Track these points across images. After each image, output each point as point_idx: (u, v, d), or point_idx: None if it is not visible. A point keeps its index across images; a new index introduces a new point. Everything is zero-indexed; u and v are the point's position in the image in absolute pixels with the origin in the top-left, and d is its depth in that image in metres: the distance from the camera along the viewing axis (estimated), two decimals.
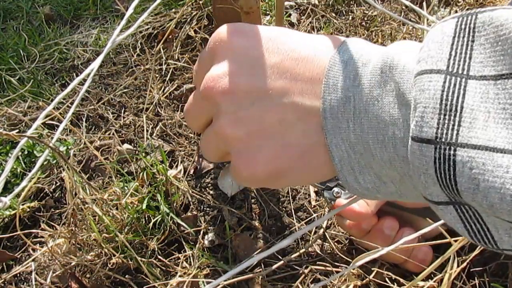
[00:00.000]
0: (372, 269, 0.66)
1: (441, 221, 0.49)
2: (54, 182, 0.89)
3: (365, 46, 0.26)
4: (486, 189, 0.17)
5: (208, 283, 0.71)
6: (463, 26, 0.20)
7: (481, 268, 0.64)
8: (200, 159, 0.89)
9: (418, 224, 0.64)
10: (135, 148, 0.92)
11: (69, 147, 0.92)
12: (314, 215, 0.79)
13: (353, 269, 0.65)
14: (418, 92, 0.20)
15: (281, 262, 0.69)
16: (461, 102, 0.18)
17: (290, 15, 1.16)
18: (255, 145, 0.26)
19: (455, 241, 0.50)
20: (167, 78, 1.03)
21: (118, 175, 0.85)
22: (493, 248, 0.21)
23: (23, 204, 0.83)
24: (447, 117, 0.19)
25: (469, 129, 0.18)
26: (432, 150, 0.19)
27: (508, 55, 0.18)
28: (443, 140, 0.19)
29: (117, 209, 0.76)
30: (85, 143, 0.92)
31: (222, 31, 0.28)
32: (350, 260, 0.73)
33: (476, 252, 0.57)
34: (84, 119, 0.99)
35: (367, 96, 0.23)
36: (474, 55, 0.19)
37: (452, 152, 0.18)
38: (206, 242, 0.77)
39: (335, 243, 0.75)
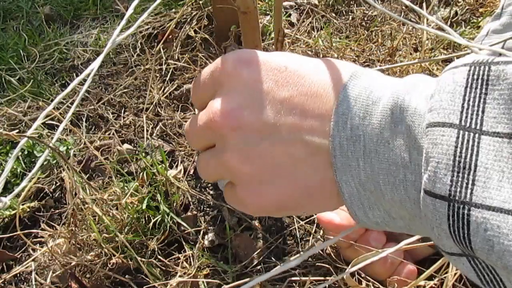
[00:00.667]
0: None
1: (430, 242, 0.49)
2: (54, 182, 0.89)
3: (374, 80, 0.25)
4: (501, 251, 0.17)
5: (208, 283, 0.71)
6: (475, 77, 0.20)
7: None
8: None
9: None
10: (135, 148, 0.92)
11: (69, 147, 0.92)
12: (314, 215, 0.79)
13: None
14: (431, 146, 0.20)
15: (282, 267, 0.69)
16: (475, 160, 0.18)
17: (290, 15, 1.16)
18: (263, 180, 0.26)
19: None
20: (167, 78, 1.03)
21: (118, 175, 0.85)
22: None
23: (23, 204, 0.84)
24: (460, 174, 0.18)
25: (483, 188, 0.18)
26: (446, 207, 0.19)
27: None
28: (456, 198, 0.18)
29: (117, 209, 0.76)
30: (85, 143, 0.92)
31: (229, 60, 0.27)
32: (350, 260, 0.73)
33: None
34: (84, 119, 0.99)
35: (377, 137, 0.23)
36: (487, 109, 0.19)
37: (466, 211, 0.18)
38: (206, 242, 0.77)
39: (336, 243, 0.75)
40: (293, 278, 0.71)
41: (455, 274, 0.52)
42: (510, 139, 0.18)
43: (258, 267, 0.74)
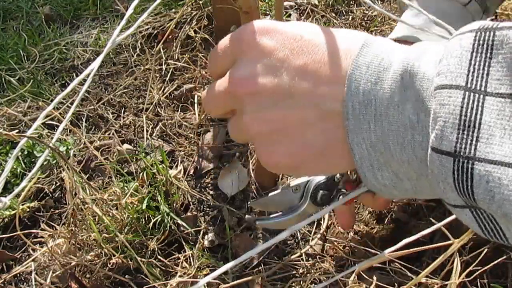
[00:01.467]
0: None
1: (444, 222, 0.49)
2: (54, 182, 0.89)
3: (385, 47, 0.26)
4: (501, 200, 0.19)
5: (208, 283, 0.71)
6: (481, 42, 0.21)
7: (481, 268, 0.64)
8: (200, 159, 0.89)
9: None
10: (135, 148, 0.92)
11: (69, 147, 0.92)
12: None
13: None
14: (438, 106, 0.21)
15: (280, 264, 0.69)
16: (479, 119, 0.20)
17: (290, 15, 1.16)
18: (276, 140, 0.28)
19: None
20: (167, 78, 1.03)
21: (118, 175, 0.85)
22: (504, 243, 0.22)
23: (23, 204, 0.83)
24: (465, 132, 0.20)
25: (486, 144, 0.19)
26: (451, 162, 0.20)
27: None
28: (461, 154, 0.20)
29: (117, 209, 0.76)
30: (85, 143, 0.92)
31: (247, 30, 0.28)
32: (351, 258, 0.73)
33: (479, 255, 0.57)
34: (84, 119, 0.99)
35: (388, 101, 0.24)
36: (491, 72, 0.20)
37: (470, 165, 0.20)
38: (206, 242, 0.77)
39: (335, 243, 0.75)
40: (294, 279, 0.71)
41: (459, 275, 0.52)
42: None
43: (258, 267, 0.74)
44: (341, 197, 0.36)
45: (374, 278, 0.64)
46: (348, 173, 0.37)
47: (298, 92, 0.26)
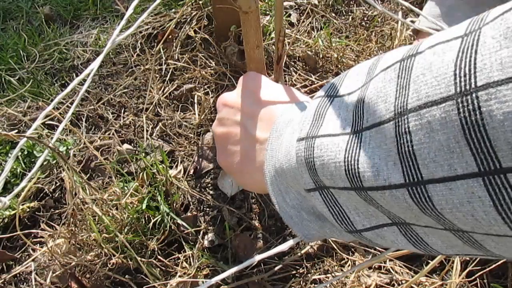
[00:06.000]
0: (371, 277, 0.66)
1: None
2: (54, 182, 0.89)
3: (293, 111, 0.35)
4: (329, 163, 0.24)
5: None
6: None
7: (481, 268, 0.64)
8: (200, 159, 0.89)
9: None
10: (135, 148, 0.92)
11: (69, 147, 0.92)
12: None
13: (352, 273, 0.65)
14: (303, 117, 0.30)
15: (280, 266, 0.69)
16: (324, 113, 0.27)
17: (290, 15, 1.16)
18: (228, 144, 0.38)
19: None
20: (167, 78, 1.03)
21: (118, 175, 0.85)
22: (354, 231, 0.27)
23: (23, 204, 0.83)
24: (315, 122, 0.27)
25: (324, 126, 0.26)
26: (304, 143, 0.27)
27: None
28: (309, 136, 0.26)
29: (117, 209, 0.76)
30: (85, 143, 0.92)
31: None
32: (351, 258, 0.73)
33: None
34: (84, 119, 0.99)
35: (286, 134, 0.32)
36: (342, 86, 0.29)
37: (313, 142, 0.26)
38: (206, 242, 0.77)
39: (335, 243, 0.75)
40: (294, 279, 0.71)
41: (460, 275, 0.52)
42: (328, 97, 0.28)
43: (258, 267, 0.74)
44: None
45: (374, 278, 0.65)
46: None
47: (248, 117, 0.38)
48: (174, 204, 0.79)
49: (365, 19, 1.15)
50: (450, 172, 0.18)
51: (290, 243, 0.36)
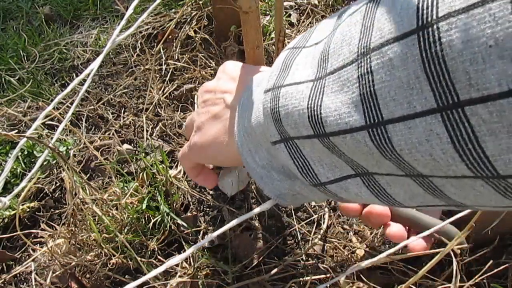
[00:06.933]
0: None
1: (444, 223, 0.49)
2: (54, 182, 0.89)
3: (261, 76, 0.35)
4: (293, 111, 0.24)
5: (208, 283, 0.71)
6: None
7: (481, 268, 0.64)
8: None
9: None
10: (135, 148, 0.92)
11: (69, 147, 0.92)
12: (314, 216, 0.79)
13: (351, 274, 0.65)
14: (272, 70, 0.30)
15: (280, 266, 0.69)
16: (292, 60, 0.27)
17: (290, 15, 1.16)
18: (205, 124, 0.38)
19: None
20: (167, 78, 1.03)
21: (118, 175, 0.85)
22: (319, 183, 0.26)
23: (23, 204, 0.83)
24: (282, 72, 0.26)
25: (291, 76, 0.25)
26: (270, 93, 0.26)
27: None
28: (276, 86, 0.26)
29: (117, 209, 0.76)
30: (85, 143, 0.92)
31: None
32: (351, 258, 0.73)
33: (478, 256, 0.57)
34: (84, 119, 0.99)
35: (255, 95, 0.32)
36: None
37: (279, 91, 0.25)
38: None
39: (335, 243, 0.75)
40: (294, 279, 0.71)
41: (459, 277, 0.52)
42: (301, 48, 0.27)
43: (258, 267, 0.74)
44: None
45: (374, 278, 0.64)
46: None
47: (220, 95, 0.38)
48: (174, 204, 0.79)
49: None
50: (410, 110, 0.18)
51: (266, 205, 0.37)
